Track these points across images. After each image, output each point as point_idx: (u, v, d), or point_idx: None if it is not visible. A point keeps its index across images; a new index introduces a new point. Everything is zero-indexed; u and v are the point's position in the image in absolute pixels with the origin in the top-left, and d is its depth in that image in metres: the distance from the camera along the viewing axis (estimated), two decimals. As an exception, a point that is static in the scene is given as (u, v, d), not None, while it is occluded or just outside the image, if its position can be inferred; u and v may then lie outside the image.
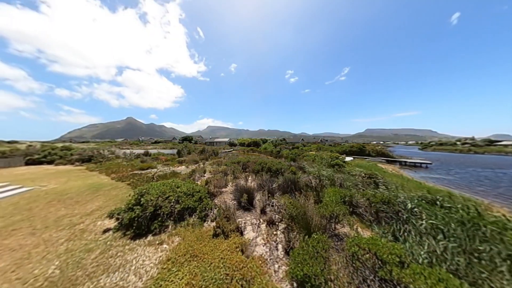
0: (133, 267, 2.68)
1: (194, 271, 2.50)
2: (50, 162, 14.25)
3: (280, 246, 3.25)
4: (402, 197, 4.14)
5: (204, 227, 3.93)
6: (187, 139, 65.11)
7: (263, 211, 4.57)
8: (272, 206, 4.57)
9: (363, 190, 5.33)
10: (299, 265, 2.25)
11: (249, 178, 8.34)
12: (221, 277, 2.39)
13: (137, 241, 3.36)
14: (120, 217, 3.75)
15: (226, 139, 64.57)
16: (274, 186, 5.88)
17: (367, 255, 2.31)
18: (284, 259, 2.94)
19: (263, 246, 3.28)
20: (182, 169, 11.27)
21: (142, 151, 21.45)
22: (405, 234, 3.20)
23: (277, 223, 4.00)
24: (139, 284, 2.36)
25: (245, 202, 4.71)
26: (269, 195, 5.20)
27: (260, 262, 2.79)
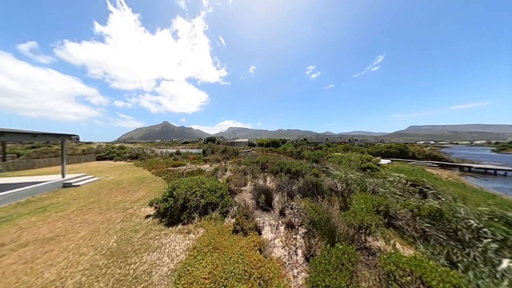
0: (166, 250, 3.12)
1: (215, 262, 2.70)
2: (111, 158, 18.13)
3: (299, 251, 3.12)
4: (463, 212, 3.26)
5: (225, 222, 4.17)
6: (211, 139, 70.57)
7: (282, 213, 4.48)
8: (292, 208, 4.42)
9: (404, 199, 4.48)
10: (321, 275, 2.10)
11: (268, 179, 8.32)
12: (240, 272, 2.49)
13: (170, 228, 3.89)
14: (157, 206, 4.43)
15: (246, 140, 66.41)
16: (294, 188, 5.67)
17: (408, 278, 1.94)
18: (304, 265, 2.80)
19: (282, 248, 3.22)
20: (206, 167, 12.29)
21: (174, 151, 24.64)
22: (467, 260, 2.51)
23: (296, 227, 3.85)
24: (171, 266, 2.73)
25: (264, 202, 4.73)
26: (288, 197, 5.04)
27: (278, 264, 2.75)
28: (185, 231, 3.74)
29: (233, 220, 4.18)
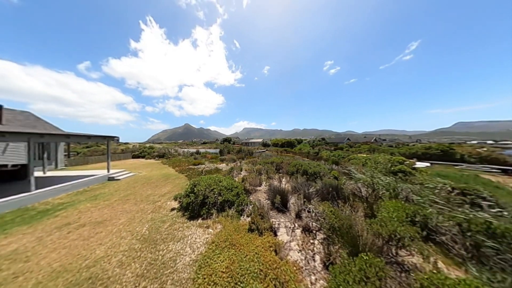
0: (189, 241, 3.39)
1: (232, 257, 2.80)
2: (143, 157, 20.73)
3: (317, 258, 2.96)
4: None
5: (241, 220, 4.28)
6: (226, 140, 73.44)
7: (298, 216, 4.34)
8: (309, 212, 4.23)
9: (450, 210, 3.76)
10: (342, 286, 1.95)
11: (283, 180, 8.16)
12: (255, 270, 2.52)
13: (191, 222, 4.22)
14: (181, 200, 4.86)
15: (260, 140, 66.64)
16: (311, 190, 5.42)
17: (455, 304, 1.63)
18: (322, 272, 2.65)
19: (298, 252, 3.12)
20: (223, 166, 12.84)
21: (194, 150, 26.57)
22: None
23: (314, 232, 3.67)
24: (192, 256, 2.96)
25: (279, 203, 4.67)
26: (305, 199, 4.85)
27: (294, 268, 2.68)
28: (205, 225, 3.99)
29: (249, 219, 4.25)
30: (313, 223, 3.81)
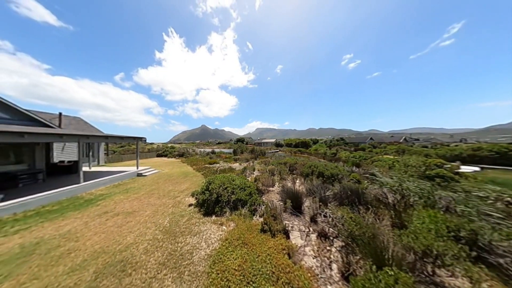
0: (204, 236, 3.57)
1: (244, 256, 2.83)
2: (165, 156, 22.77)
3: (335, 266, 2.76)
4: None
5: (253, 220, 4.29)
6: (240, 140, 75.05)
7: (313, 220, 4.13)
8: (325, 216, 3.98)
9: (509, 227, 3.05)
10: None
11: (297, 181, 7.89)
12: (268, 272, 2.49)
13: (206, 218, 4.43)
14: (197, 197, 5.15)
15: (273, 140, 65.94)
16: (327, 194, 5.09)
17: None
18: (340, 283, 2.46)
19: (313, 258, 2.96)
20: (236, 165, 13.14)
21: (210, 150, 27.94)
22: None
23: (331, 238, 3.44)
24: (207, 251, 3.10)
25: (293, 205, 4.52)
26: (321, 203, 4.58)
27: (309, 274, 2.55)
28: (219, 222, 4.14)
29: (261, 219, 4.23)
30: (330, 229, 3.57)
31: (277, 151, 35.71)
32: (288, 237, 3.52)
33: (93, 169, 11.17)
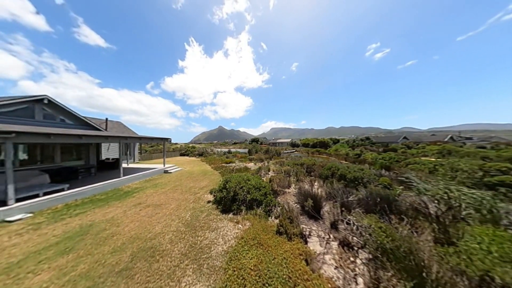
0: (221, 233, 3.71)
1: (260, 257, 2.81)
2: (187, 155, 24.76)
3: (360, 281, 2.48)
4: None
5: (269, 221, 4.24)
6: (254, 140, 75.72)
7: (333, 226, 3.82)
8: (348, 223, 3.63)
9: None
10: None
11: (315, 184, 7.45)
12: (284, 276, 2.41)
13: (223, 215, 4.60)
14: (215, 195, 5.41)
15: (288, 140, 64.10)
16: (350, 199, 4.64)
17: None
18: (367, 300, 2.19)
19: (334, 269, 2.73)
20: (251, 165, 13.28)
21: (226, 150, 29.07)
22: None
23: (356, 248, 3.11)
24: (224, 247, 3.21)
25: (310, 209, 4.29)
26: (343, 208, 4.20)
27: (329, 285, 2.36)
28: (235, 220, 4.25)
29: (277, 221, 4.15)
30: (354, 238, 3.23)
31: (293, 152, 34.57)
32: (305, 242, 3.35)
33: (130, 165, 13.00)
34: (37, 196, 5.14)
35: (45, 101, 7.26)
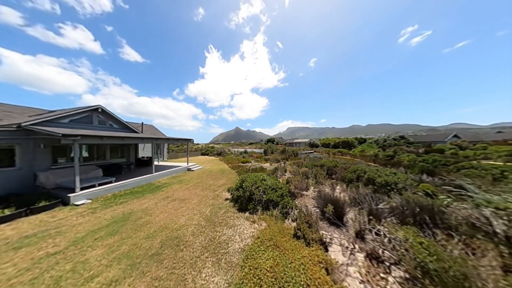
0: (238, 230, 3.81)
1: (276, 259, 2.76)
2: (207, 154, 26.49)
3: (394, 300, 2.15)
4: None
5: (285, 223, 4.13)
6: (270, 140, 75.07)
7: (359, 236, 3.43)
8: (378, 234, 3.21)
9: None
10: None
11: (337, 187, 6.87)
12: (301, 282, 2.30)
13: (240, 213, 4.71)
14: (232, 193, 5.60)
15: (306, 140, 60.96)
16: (381, 206, 4.09)
17: None
18: (404, 325, 1.87)
19: (360, 283, 2.45)
20: (267, 165, 13.20)
21: (242, 150, 29.81)
22: None
23: (387, 264, 2.71)
24: (240, 245, 3.28)
25: (332, 214, 3.96)
26: (371, 217, 3.73)
27: (354, 299, 2.13)
28: (251, 219, 4.30)
29: (294, 224, 4.00)
30: (385, 252, 2.83)
31: (311, 152, 32.77)
32: (326, 250, 3.12)
33: (160, 163, 14.74)
34: (93, 186, 6.38)
35: (99, 110, 8.95)
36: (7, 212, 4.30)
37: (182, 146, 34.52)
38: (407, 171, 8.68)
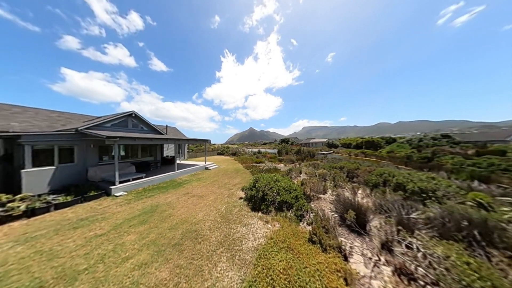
0: (251, 229, 3.87)
1: (290, 262, 2.70)
2: (223, 154, 27.62)
3: (430, 326, 1.85)
4: None
5: (300, 226, 3.99)
6: (284, 140, 73.34)
7: (386, 247, 3.07)
8: (409, 248, 2.81)
9: None
10: None
11: (359, 192, 6.28)
12: (317, 289, 2.19)
13: (253, 213, 4.77)
14: (246, 192, 5.71)
15: (324, 140, 57.28)
16: (414, 216, 3.57)
17: None
18: None
19: (386, 298, 2.19)
20: (281, 166, 12.97)
21: (256, 150, 30.00)
22: None
23: (422, 283, 2.36)
24: (254, 243, 3.32)
25: (353, 221, 3.65)
26: (400, 227, 3.29)
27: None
28: (264, 220, 4.31)
29: (309, 227, 3.84)
30: (419, 268, 2.45)
31: (329, 153, 30.69)
32: (345, 259, 2.89)
33: (181, 162, 16.09)
34: (128, 181, 7.39)
35: (133, 115, 10.33)
36: (69, 198, 5.36)
37: (200, 146, 36.86)
38: (451, 176, 7.31)
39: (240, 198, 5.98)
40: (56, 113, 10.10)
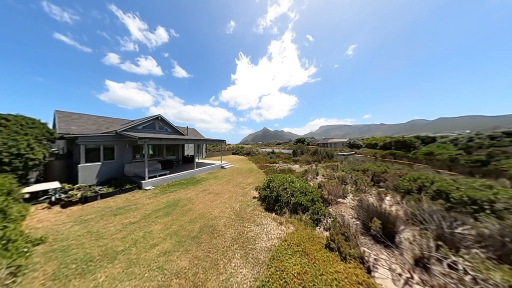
0: (265, 229, 3.87)
1: (305, 267, 2.59)
2: (237, 154, 28.38)
3: None
4: None
5: (316, 231, 3.80)
6: (300, 140, 70.51)
7: (421, 264, 2.66)
8: (453, 268, 2.37)
9: None
10: None
11: (386, 198, 5.60)
12: (335, 299, 2.05)
13: (267, 213, 4.76)
14: (260, 192, 5.73)
15: (344, 140, 52.77)
16: (459, 231, 2.99)
17: None
18: None
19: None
20: (296, 167, 12.55)
21: (270, 150, 29.76)
22: None
23: (470, 310, 1.96)
24: (267, 244, 3.31)
25: (379, 231, 3.28)
26: (440, 242, 2.79)
27: None
28: (278, 221, 4.25)
29: (327, 233, 3.62)
30: (467, 293, 2.04)
31: (350, 154, 28.19)
32: (368, 271, 2.62)
33: (200, 161, 17.20)
34: (155, 176, 8.30)
35: (159, 118, 11.57)
36: (111, 190, 6.35)
37: (216, 146, 38.72)
38: (516, 185, 5.82)
39: (254, 197, 6.04)
40: (101, 118, 12.08)
